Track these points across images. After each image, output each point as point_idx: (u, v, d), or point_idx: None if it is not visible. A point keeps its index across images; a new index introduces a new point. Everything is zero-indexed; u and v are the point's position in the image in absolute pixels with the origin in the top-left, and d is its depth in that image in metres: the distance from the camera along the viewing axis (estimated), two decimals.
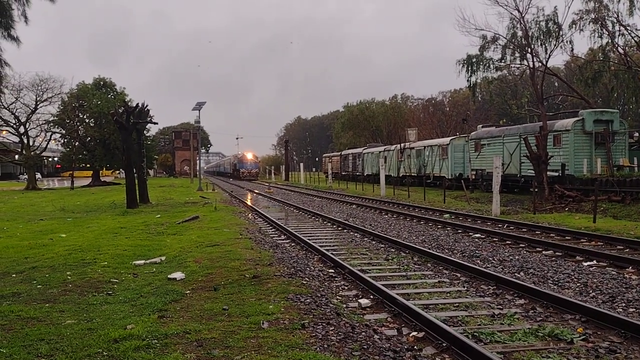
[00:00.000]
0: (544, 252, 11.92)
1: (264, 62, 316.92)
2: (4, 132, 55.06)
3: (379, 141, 70.14)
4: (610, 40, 33.80)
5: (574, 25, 33.04)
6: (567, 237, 13.88)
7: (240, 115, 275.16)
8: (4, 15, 9.59)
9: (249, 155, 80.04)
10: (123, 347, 5.34)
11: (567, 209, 21.68)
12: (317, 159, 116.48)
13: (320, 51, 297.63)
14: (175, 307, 6.94)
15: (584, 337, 6.07)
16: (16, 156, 56.58)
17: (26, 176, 56.10)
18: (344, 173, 61.49)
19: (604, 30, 33.30)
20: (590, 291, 8.33)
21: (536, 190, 22.55)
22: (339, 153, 69.05)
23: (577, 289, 8.53)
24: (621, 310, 7.29)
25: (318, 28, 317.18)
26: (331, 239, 14.52)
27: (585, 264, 10.50)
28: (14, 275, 9.37)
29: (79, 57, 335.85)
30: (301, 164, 73.53)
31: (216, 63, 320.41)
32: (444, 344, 5.76)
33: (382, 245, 13.09)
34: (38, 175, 63.48)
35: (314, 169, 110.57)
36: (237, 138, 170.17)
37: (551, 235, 14.38)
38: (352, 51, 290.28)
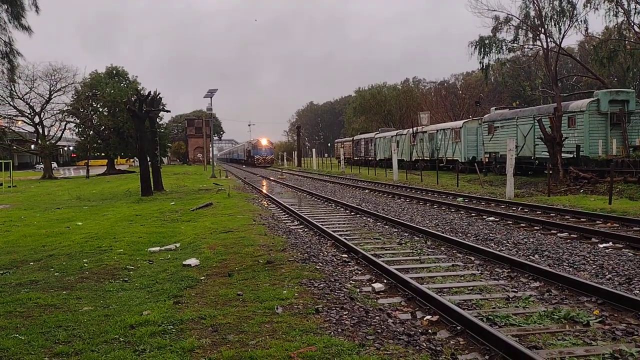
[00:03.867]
0: (558, 234, 11.82)
1: (268, 45, 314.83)
2: (20, 123, 55.63)
3: (391, 125, 69.81)
4: (626, 19, 33.14)
5: (588, 4, 32.38)
6: (582, 219, 13.75)
7: (249, 101, 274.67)
8: (15, 4, 9.63)
9: (264, 141, 78.04)
10: (139, 333, 5.40)
11: (582, 190, 21.45)
12: (329, 144, 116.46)
13: (326, 34, 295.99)
14: (190, 293, 7.00)
15: (600, 319, 6.03)
16: (32, 146, 57.26)
17: (42, 165, 56.78)
18: (356, 158, 61.36)
19: (620, 8, 32.63)
20: (607, 273, 8.26)
21: (551, 172, 22.34)
22: (351, 138, 68.84)
23: (593, 271, 8.46)
24: (638, 292, 7.22)
25: (322, 8, 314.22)
26: (344, 224, 14.52)
27: (601, 245, 10.40)
28: (32, 264, 9.51)
29: (74, 44, 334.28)
30: (313, 150, 73.34)
31: (218, 46, 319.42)
32: (459, 328, 5.76)
33: (395, 230, 13.07)
34: (54, 165, 64.11)
35: (326, 155, 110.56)
36: (249, 124, 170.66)
37: (566, 217, 14.26)
38: (358, 33, 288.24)
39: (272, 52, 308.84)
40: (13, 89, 48.52)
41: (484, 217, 14.97)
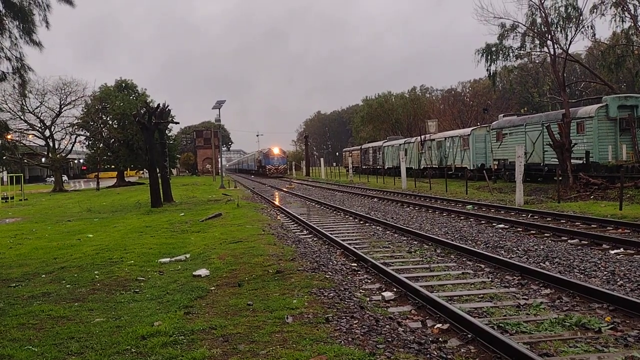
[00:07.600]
0: (569, 241, 11.75)
1: (270, 53, 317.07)
2: (31, 136, 56.10)
3: (399, 134, 69.85)
4: (633, 24, 33.01)
5: (595, 10, 32.27)
6: (593, 226, 13.66)
7: (254, 111, 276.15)
8: (26, 20, 9.76)
9: (276, 150, 73.98)
10: (151, 343, 5.43)
11: (592, 197, 21.31)
12: (337, 153, 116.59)
13: (330, 42, 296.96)
14: (200, 304, 7.03)
15: (612, 325, 5.99)
16: (43, 159, 57.71)
17: (53, 178, 57.22)
18: (364, 167, 61.34)
19: (626, 13, 32.52)
20: (618, 279, 8.20)
21: (560, 178, 22.23)
22: (359, 147, 68.84)
23: (604, 277, 8.40)
24: None
25: (324, 14, 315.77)
26: (353, 232, 14.51)
27: (612, 252, 10.33)
28: (44, 276, 9.59)
29: (68, 54, 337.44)
30: (321, 159, 73.25)
31: (219, 56, 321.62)
32: (469, 336, 5.74)
33: (405, 238, 13.05)
34: (64, 178, 64.59)
35: (334, 164, 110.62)
36: (257, 135, 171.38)
37: (576, 223, 14.18)
38: (362, 41, 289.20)
39: (274, 60, 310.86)
40: (24, 103, 49.06)
41: (494, 224, 14.91)
